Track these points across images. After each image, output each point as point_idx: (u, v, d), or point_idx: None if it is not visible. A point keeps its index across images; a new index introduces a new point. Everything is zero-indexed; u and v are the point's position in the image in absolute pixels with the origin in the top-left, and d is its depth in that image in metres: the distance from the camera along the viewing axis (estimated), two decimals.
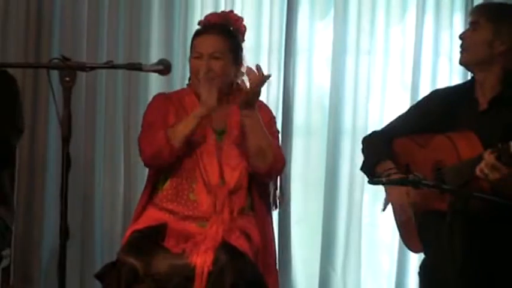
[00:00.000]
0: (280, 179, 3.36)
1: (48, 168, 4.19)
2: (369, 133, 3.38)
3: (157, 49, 4.21)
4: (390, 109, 4.20)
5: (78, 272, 4.19)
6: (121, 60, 4.14)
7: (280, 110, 4.19)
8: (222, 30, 3.26)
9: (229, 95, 3.27)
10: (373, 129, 3.95)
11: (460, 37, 3.13)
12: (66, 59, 2.47)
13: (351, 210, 4.21)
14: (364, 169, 3.26)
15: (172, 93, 3.42)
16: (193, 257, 2.91)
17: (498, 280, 2.89)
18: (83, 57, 4.15)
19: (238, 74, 3.30)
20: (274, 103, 4.17)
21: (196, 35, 3.29)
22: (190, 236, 3.04)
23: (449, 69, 4.19)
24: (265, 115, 3.29)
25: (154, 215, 3.17)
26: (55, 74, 2.47)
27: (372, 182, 2.90)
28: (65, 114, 2.42)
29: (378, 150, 3.20)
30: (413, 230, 3.14)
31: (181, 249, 2.98)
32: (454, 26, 4.17)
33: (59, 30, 4.21)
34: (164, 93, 3.44)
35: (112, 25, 4.21)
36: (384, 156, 3.15)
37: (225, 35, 3.25)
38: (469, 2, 4.14)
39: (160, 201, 3.21)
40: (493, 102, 3.02)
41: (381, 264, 4.33)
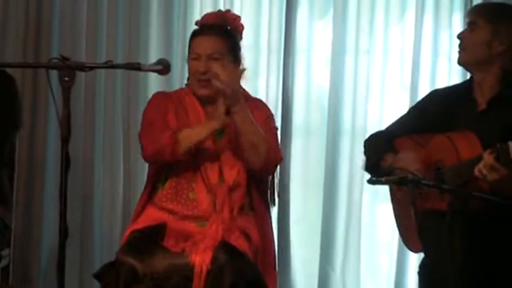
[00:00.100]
0: (275, 176, 3.36)
1: (47, 168, 4.19)
2: (369, 135, 3.38)
3: (156, 49, 4.21)
4: (389, 109, 4.20)
5: (78, 272, 4.19)
6: (120, 60, 4.14)
7: (279, 110, 4.19)
8: (220, 30, 3.25)
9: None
10: (372, 129, 3.98)
11: (458, 37, 3.13)
12: (65, 59, 2.46)
13: (350, 210, 4.21)
14: (367, 169, 3.26)
15: (172, 92, 3.42)
16: (192, 256, 2.91)
17: (498, 280, 2.89)
18: (82, 57, 4.15)
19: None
20: (274, 103, 4.17)
21: (194, 35, 3.28)
22: (190, 236, 3.04)
23: (449, 69, 4.19)
24: (263, 112, 3.28)
25: (154, 214, 3.17)
26: (54, 74, 2.46)
27: (371, 181, 2.90)
28: (64, 114, 2.42)
29: (380, 149, 3.19)
30: (413, 230, 3.14)
31: (180, 249, 2.98)
32: (453, 26, 4.17)
33: (58, 30, 4.21)
34: (164, 92, 3.44)
35: (111, 25, 4.21)
36: (387, 151, 3.15)
37: (223, 36, 3.24)
38: (468, 1, 4.15)
39: (159, 200, 3.21)
40: (491, 102, 3.02)
41: (380, 263, 4.33)
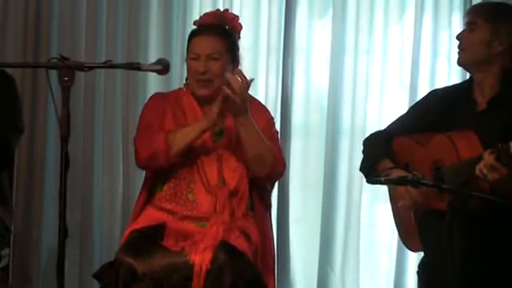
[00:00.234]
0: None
1: (47, 168, 4.18)
2: (369, 134, 3.38)
3: (155, 49, 4.21)
4: (389, 109, 4.20)
5: (77, 272, 4.19)
6: (119, 59, 4.13)
7: (278, 109, 4.19)
8: (219, 30, 3.25)
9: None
10: (371, 129, 3.97)
11: (457, 38, 3.13)
12: (65, 59, 2.46)
13: (349, 209, 4.21)
14: (362, 169, 3.26)
15: (169, 93, 3.42)
16: (191, 255, 2.91)
17: (497, 279, 2.89)
18: (82, 57, 4.14)
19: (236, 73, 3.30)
20: (273, 103, 4.17)
21: (193, 35, 3.28)
22: (189, 235, 3.04)
23: (448, 69, 4.19)
24: (264, 117, 3.28)
25: (153, 214, 3.17)
26: (54, 74, 2.46)
27: (371, 181, 2.90)
28: (63, 114, 2.41)
29: (377, 151, 3.19)
30: (413, 229, 3.13)
31: (180, 248, 2.98)
32: (453, 25, 4.17)
33: (57, 30, 4.20)
34: (161, 93, 3.43)
35: (110, 25, 4.20)
36: (383, 155, 3.15)
37: (221, 36, 3.24)
38: (467, 1, 4.14)
39: (158, 201, 3.21)
40: (492, 102, 3.02)
41: (379, 263, 4.33)
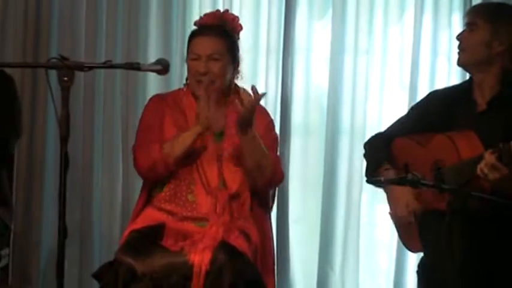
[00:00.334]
0: None
1: (46, 167, 4.18)
2: (369, 137, 3.38)
3: (155, 49, 4.21)
4: (388, 109, 4.20)
5: (77, 272, 4.19)
6: (119, 60, 4.13)
7: (278, 109, 4.19)
8: (219, 31, 3.25)
9: (227, 96, 3.27)
10: (371, 128, 3.98)
11: (457, 38, 3.12)
12: (65, 59, 2.46)
13: (349, 209, 4.21)
14: (367, 174, 3.25)
15: (168, 94, 3.41)
16: (191, 255, 2.91)
17: (497, 279, 2.89)
18: (81, 57, 4.14)
19: (236, 73, 3.30)
20: (273, 103, 4.17)
21: (193, 36, 3.28)
22: (189, 235, 3.04)
23: (448, 69, 4.18)
24: (264, 119, 3.29)
25: (153, 214, 3.17)
26: (53, 74, 2.46)
27: (370, 181, 2.90)
28: (63, 114, 2.41)
29: (378, 154, 3.19)
30: (413, 230, 3.13)
31: (179, 247, 2.98)
32: (453, 25, 4.16)
33: (57, 30, 4.20)
34: (160, 95, 3.43)
35: (110, 25, 4.20)
36: (383, 159, 3.15)
37: (222, 36, 3.24)
38: (467, 1, 4.14)
39: (158, 202, 3.21)
40: (492, 102, 3.02)
41: (379, 263, 4.32)
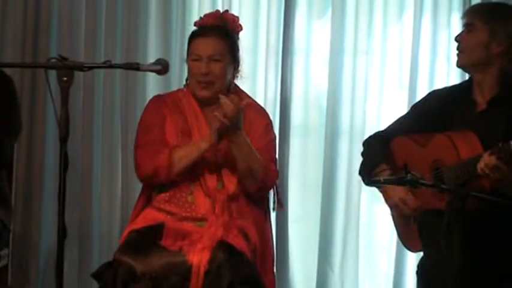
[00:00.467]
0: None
1: (46, 168, 4.18)
2: (368, 136, 3.37)
3: (154, 49, 4.20)
4: (388, 109, 4.20)
5: (76, 272, 4.19)
6: (119, 60, 4.13)
7: (277, 109, 4.19)
8: (220, 31, 3.25)
9: (227, 96, 3.26)
10: (370, 129, 3.97)
11: (456, 39, 3.12)
12: (64, 59, 2.46)
13: (348, 209, 4.20)
14: (362, 173, 3.25)
15: (167, 95, 3.41)
16: (189, 255, 2.91)
17: (496, 279, 2.89)
18: (81, 57, 4.14)
19: (236, 73, 3.30)
20: (272, 103, 4.17)
21: (194, 37, 3.28)
22: (188, 235, 3.04)
23: (447, 69, 4.18)
24: (262, 121, 3.29)
25: (152, 215, 3.17)
26: (53, 74, 2.46)
27: (369, 182, 2.90)
28: (62, 114, 2.41)
29: (375, 154, 3.19)
30: (412, 230, 3.13)
31: (178, 247, 2.98)
32: (452, 25, 4.16)
33: (56, 30, 4.20)
34: (160, 96, 3.42)
35: (110, 25, 4.20)
36: (381, 159, 3.15)
37: (223, 37, 3.24)
38: (466, 1, 4.14)
39: (158, 202, 3.21)
40: (492, 102, 3.01)
41: (378, 263, 4.32)
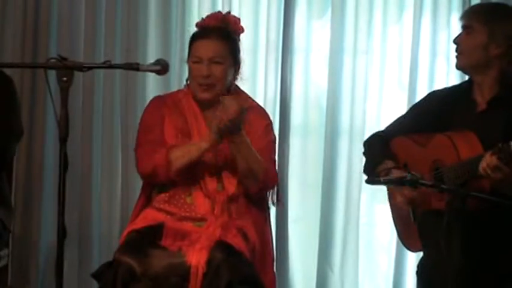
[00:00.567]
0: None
1: (45, 168, 4.17)
2: (369, 136, 3.38)
3: (154, 49, 4.20)
4: (387, 109, 4.20)
5: (76, 272, 4.19)
6: (118, 60, 4.13)
7: (277, 109, 4.19)
8: (221, 33, 3.24)
9: (229, 97, 3.26)
10: (370, 129, 3.97)
11: (454, 42, 3.12)
12: (64, 59, 2.46)
13: (348, 209, 4.20)
14: (365, 172, 3.26)
15: (167, 96, 3.40)
16: (188, 256, 2.92)
17: (496, 279, 2.89)
18: (80, 57, 4.14)
19: (236, 75, 3.30)
20: (272, 103, 4.17)
21: (195, 39, 3.27)
22: (187, 235, 3.04)
23: (447, 69, 4.18)
24: (262, 121, 3.28)
25: (152, 215, 3.17)
26: (52, 74, 2.46)
27: (370, 181, 2.90)
28: (62, 114, 2.41)
29: (378, 153, 3.19)
30: (412, 229, 3.13)
31: (177, 247, 2.99)
32: (452, 26, 4.15)
33: (56, 30, 4.20)
34: (160, 96, 3.42)
35: (109, 25, 4.20)
36: (384, 157, 3.15)
37: (224, 39, 3.23)
38: (466, 1, 4.14)
39: (157, 203, 3.21)
40: (492, 102, 3.01)
41: (378, 263, 4.32)
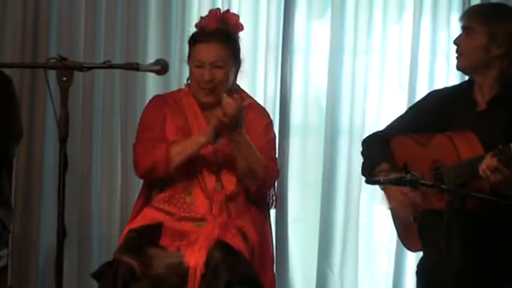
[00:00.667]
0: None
1: (45, 168, 4.17)
2: (368, 135, 3.38)
3: (154, 49, 4.20)
4: (387, 109, 4.19)
5: (76, 272, 4.19)
6: (118, 60, 4.13)
7: (277, 109, 4.18)
8: (222, 36, 3.22)
9: (229, 96, 3.26)
10: (370, 128, 3.97)
11: (454, 42, 3.11)
12: (63, 59, 2.46)
13: (348, 209, 4.20)
14: (363, 172, 3.26)
15: (168, 95, 3.41)
16: (187, 256, 2.92)
17: (496, 279, 2.89)
18: (80, 57, 4.13)
19: (237, 74, 3.30)
20: (272, 102, 4.17)
21: (195, 42, 3.24)
22: (186, 235, 3.05)
23: (447, 69, 4.17)
24: (262, 121, 3.28)
25: (151, 214, 3.18)
26: (52, 74, 2.46)
27: (369, 181, 2.90)
28: (62, 114, 2.41)
29: (376, 153, 3.19)
30: (412, 229, 3.13)
31: (176, 247, 2.99)
32: (452, 25, 4.15)
33: (56, 30, 4.19)
34: (160, 95, 3.42)
35: (109, 25, 4.20)
36: (381, 158, 3.15)
37: (225, 42, 3.21)
38: (466, 1, 4.14)
39: (157, 202, 3.21)
40: (492, 102, 3.02)
41: (378, 263, 4.32)
